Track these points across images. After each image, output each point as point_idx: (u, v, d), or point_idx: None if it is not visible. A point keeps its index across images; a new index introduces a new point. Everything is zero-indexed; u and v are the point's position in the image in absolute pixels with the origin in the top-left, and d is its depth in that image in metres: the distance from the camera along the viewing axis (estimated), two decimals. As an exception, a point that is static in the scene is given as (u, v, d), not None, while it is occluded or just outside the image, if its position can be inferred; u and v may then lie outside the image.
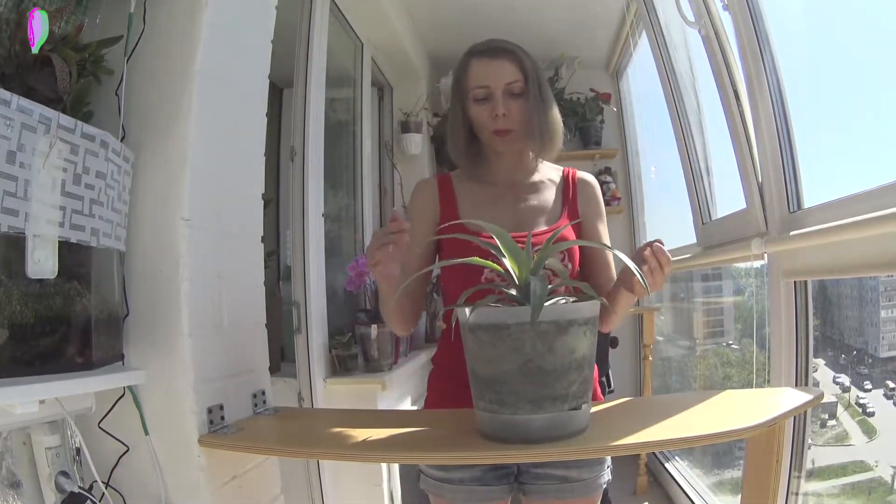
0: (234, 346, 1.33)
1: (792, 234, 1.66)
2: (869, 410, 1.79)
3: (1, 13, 1.02)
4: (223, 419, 1.22)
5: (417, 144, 3.73)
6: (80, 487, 1.11)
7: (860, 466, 1.83)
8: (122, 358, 1.18)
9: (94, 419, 1.19)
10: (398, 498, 2.49)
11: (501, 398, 0.96)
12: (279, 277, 2.97)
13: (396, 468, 2.47)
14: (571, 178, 1.44)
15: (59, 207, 0.97)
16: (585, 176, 1.45)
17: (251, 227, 1.45)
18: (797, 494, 1.80)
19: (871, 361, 1.80)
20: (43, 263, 0.95)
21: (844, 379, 1.89)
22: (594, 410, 1.15)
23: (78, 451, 1.15)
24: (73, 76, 1.07)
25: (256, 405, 1.36)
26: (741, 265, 2.68)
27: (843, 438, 1.89)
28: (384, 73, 3.66)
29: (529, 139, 1.36)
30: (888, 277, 1.69)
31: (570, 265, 1.32)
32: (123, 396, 1.19)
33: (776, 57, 1.83)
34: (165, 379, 1.17)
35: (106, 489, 1.18)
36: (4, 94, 0.88)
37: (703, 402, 1.18)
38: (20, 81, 1.00)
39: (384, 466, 2.36)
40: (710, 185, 2.71)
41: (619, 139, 4.32)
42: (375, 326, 2.40)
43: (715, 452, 3.01)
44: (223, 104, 1.32)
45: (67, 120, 0.97)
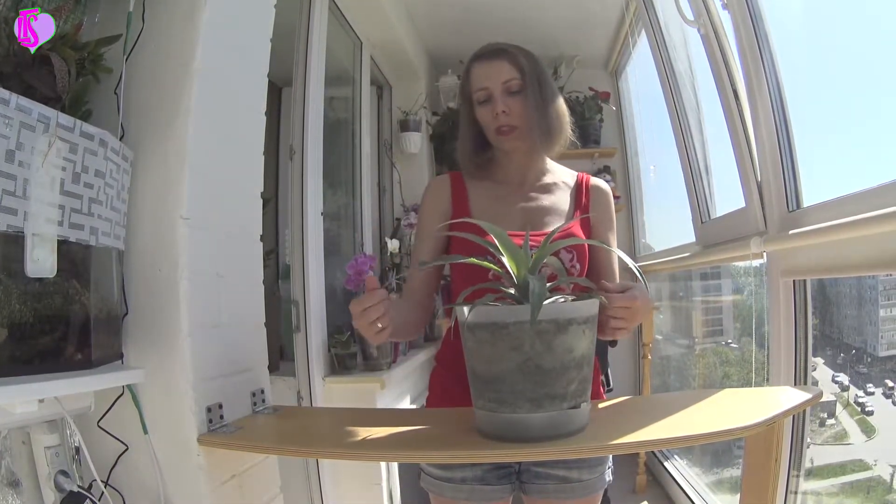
0: (233, 344, 1.33)
1: (791, 233, 1.66)
2: (868, 409, 1.79)
3: (0, 11, 1.02)
4: (222, 418, 1.22)
5: (416, 143, 3.73)
6: (79, 486, 1.11)
7: (859, 465, 1.83)
8: (121, 357, 1.18)
9: (93, 418, 1.19)
10: (397, 497, 2.50)
11: (501, 397, 0.96)
12: (278, 276, 2.97)
13: (395, 467, 2.47)
14: (585, 183, 1.44)
15: (58, 206, 0.96)
16: (600, 183, 1.45)
17: (250, 225, 1.45)
18: (796, 493, 1.81)
19: (869, 360, 1.80)
20: (42, 262, 0.95)
21: (843, 378, 1.89)
22: (596, 409, 1.15)
23: (77, 450, 1.15)
24: (71, 75, 1.06)
25: (255, 404, 1.36)
26: (740, 264, 2.69)
27: (841, 437, 1.89)
28: (383, 71, 3.66)
29: (533, 135, 1.37)
30: (887, 276, 1.69)
31: (578, 266, 1.31)
32: (122, 395, 1.19)
33: (775, 56, 1.84)
34: (164, 378, 1.17)
35: (105, 488, 1.18)
36: (3, 92, 0.88)
37: (702, 400, 1.18)
38: (19, 80, 0.99)
39: (383, 465, 2.36)
40: (709, 183, 2.72)
41: (618, 138, 4.32)
42: (374, 325, 2.40)
43: (714, 451, 3.01)
44: (222, 103, 1.32)
45: (66, 119, 0.97)
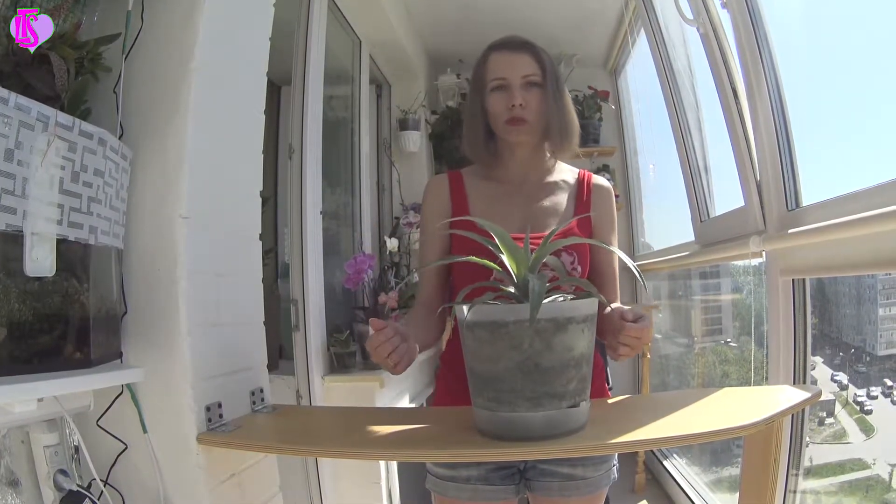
0: (232, 343, 1.33)
1: (790, 232, 1.66)
2: (867, 408, 1.79)
3: (-2, 10, 1.02)
4: (221, 417, 1.22)
5: (416, 142, 3.73)
6: (78, 486, 1.11)
7: (858, 464, 1.83)
8: (120, 356, 1.18)
9: (92, 417, 1.19)
10: (396, 496, 2.50)
11: (500, 396, 0.96)
12: (277, 275, 2.97)
13: (395, 466, 2.47)
14: (587, 181, 1.42)
15: (57, 205, 0.96)
16: (601, 181, 1.44)
17: (249, 224, 1.45)
18: (795, 492, 1.81)
19: (868, 359, 1.81)
20: (41, 261, 0.95)
21: (842, 377, 1.89)
22: (595, 408, 1.15)
23: (76, 449, 1.15)
24: (70, 74, 1.06)
25: (255, 403, 1.36)
26: (739, 263, 2.69)
27: (840, 436, 1.89)
28: (382, 70, 3.65)
29: (543, 134, 1.36)
30: (886, 275, 1.69)
31: (579, 268, 1.31)
32: (122, 394, 1.19)
33: (775, 55, 1.84)
34: (164, 377, 1.17)
35: (104, 487, 1.18)
36: (2, 91, 0.88)
37: (701, 399, 1.18)
38: (18, 79, 0.99)
39: (382, 464, 2.37)
40: (708, 182, 2.72)
41: (617, 137, 4.32)
42: (374, 324, 2.40)
43: (713, 450, 3.01)
44: (221, 102, 1.32)
45: (65, 118, 0.97)
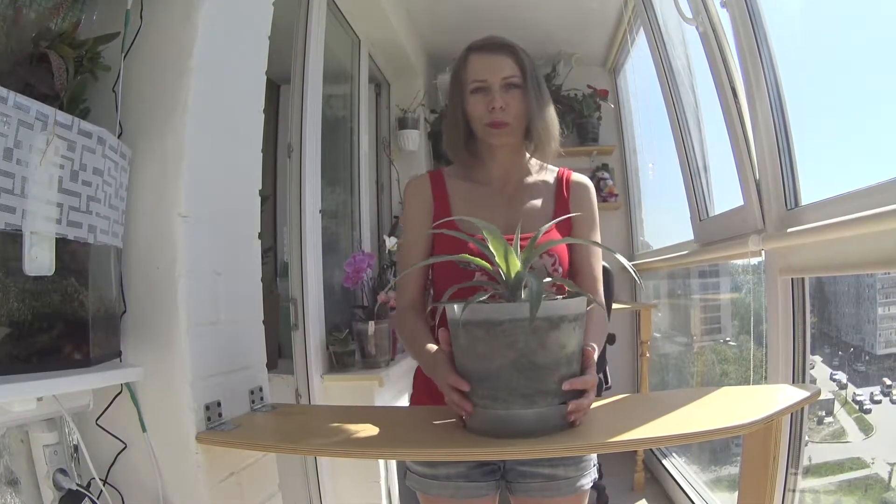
0: (231, 342, 1.33)
1: (789, 231, 1.66)
2: (866, 408, 1.80)
3: (-3, 9, 1.02)
4: (220, 416, 1.22)
5: (415, 141, 3.73)
6: (77, 485, 1.11)
7: (857, 463, 1.83)
8: (119, 355, 1.18)
9: (91, 416, 1.19)
10: (395, 494, 2.50)
11: (495, 394, 0.98)
12: (276, 274, 2.97)
13: (394, 465, 2.47)
14: (566, 179, 1.41)
15: (56, 204, 0.96)
16: (580, 178, 1.42)
17: (248, 223, 1.45)
18: (794, 491, 1.81)
19: (867, 358, 1.81)
20: (40, 260, 0.95)
21: (841, 376, 1.89)
22: (594, 407, 1.15)
23: (76, 448, 1.15)
24: (69, 73, 1.06)
25: (254, 402, 1.36)
26: (738, 262, 2.69)
27: (839, 435, 1.90)
28: (381, 69, 3.65)
29: (524, 135, 1.35)
30: (885, 275, 1.69)
31: (560, 269, 1.31)
32: (121, 393, 1.19)
33: (774, 54, 1.84)
34: (163, 376, 1.17)
35: (104, 486, 1.18)
36: (1, 90, 0.88)
37: (700, 398, 1.18)
38: (17, 78, 0.99)
39: (381, 463, 2.37)
40: (707, 181, 2.72)
41: (616, 136, 4.32)
42: (372, 323, 2.40)
43: (712, 449, 3.01)
44: (220, 101, 1.32)
45: (64, 117, 0.97)
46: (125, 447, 1.20)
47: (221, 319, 1.30)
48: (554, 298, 1.01)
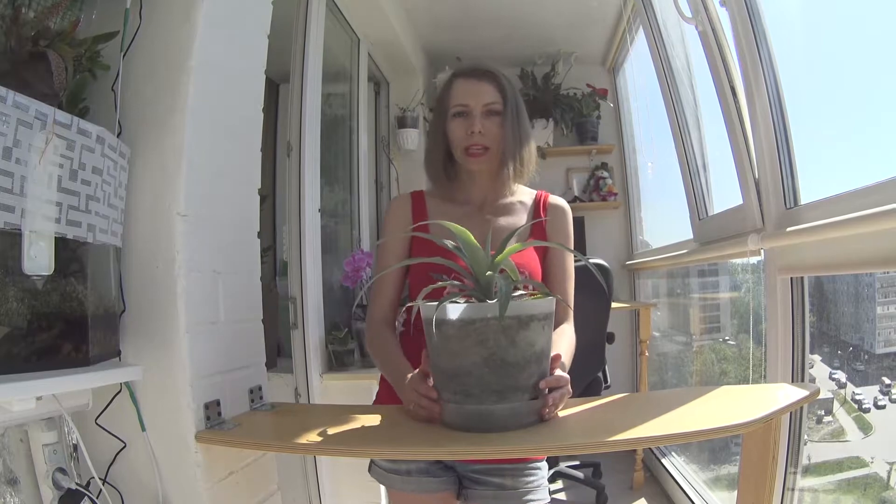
0: (230, 341, 1.33)
1: (788, 230, 1.66)
2: (865, 407, 1.80)
3: (-4, 8, 1.02)
4: (220, 415, 1.23)
5: (414, 140, 3.73)
6: (77, 484, 1.11)
7: (856, 462, 1.83)
8: (118, 354, 1.18)
9: (90, 415, 1.19)
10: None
11: (467, 390, 1.02)
12: (275, 273, 2.97)
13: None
14: (543, 201, 1.46)
15: (55, 203, 0.96)
16: (558, 201, 1.47)
17: (247, 222, 1.45)
18: (793, 490, 1.81)
19: (867, 358, 1.81)
20: (39, 260, 0.95)
21: (841, 375, 1.89)
22: (593, 405, 1.16)
23: (75, 447, 1.15)
24: (69, 72, 1.06)
25: (253, 401, 1.36)
26: (738, 261, 2.69)
27: (839, 434, 1.90)
28: (381, 68, 3.65)
29: (501, 160, 1.39)
30: (884, 274, 1.69)
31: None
32: (120, 393, 1.19)
33: (773, 53, 1.84)
34: (162, 375, 1.17)
35: (103, 485, 1.18)
36: (0, 90, 0.88)
37: (699, 397, 1.18)
38: (16, 77, 0.99)
39: (381, 462, 2.36)
40: (706, 180, 2.72)
41: (615, 135, 4.32)
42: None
43: (711, 448, 3.01)
44: (219, 99, 1.32)
45: (63, 116, 0.97)
46: (124, 446, 1.20)
47: (221, 318, 1.30)
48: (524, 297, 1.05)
